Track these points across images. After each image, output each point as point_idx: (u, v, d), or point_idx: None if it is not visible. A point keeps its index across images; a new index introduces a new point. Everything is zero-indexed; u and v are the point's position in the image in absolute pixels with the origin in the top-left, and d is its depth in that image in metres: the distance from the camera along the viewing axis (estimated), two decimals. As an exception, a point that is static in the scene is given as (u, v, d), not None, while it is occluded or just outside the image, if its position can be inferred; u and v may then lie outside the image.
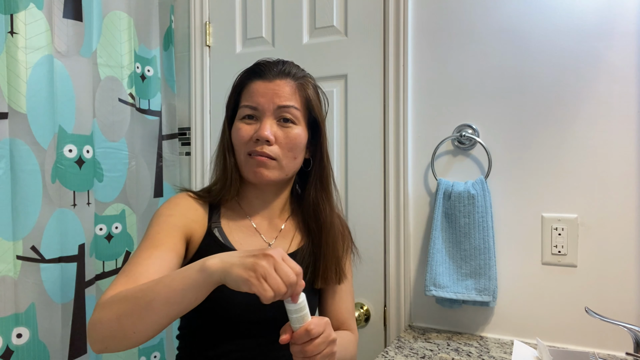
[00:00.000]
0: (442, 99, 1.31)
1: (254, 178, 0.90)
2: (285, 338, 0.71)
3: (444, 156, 1.31)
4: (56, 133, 1.20)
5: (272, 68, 0.91)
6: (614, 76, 1.13)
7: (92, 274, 1.32)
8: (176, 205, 0.90)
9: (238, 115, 0.92)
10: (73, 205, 1.25)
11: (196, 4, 1.65)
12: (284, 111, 0.89)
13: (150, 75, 1.56)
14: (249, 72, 0.93)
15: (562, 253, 1.18)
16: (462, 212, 1.22)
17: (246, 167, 0.90)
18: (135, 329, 0.68)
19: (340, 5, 1.44)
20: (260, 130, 0.87)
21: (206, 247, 0.88)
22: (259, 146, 0.88)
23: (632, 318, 1.11)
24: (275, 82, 0.89)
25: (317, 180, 0.98)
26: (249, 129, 0.89)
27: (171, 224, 0.85)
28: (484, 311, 1.26)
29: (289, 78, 0.91)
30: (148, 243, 0.82)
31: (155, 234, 0.83)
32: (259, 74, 0.90)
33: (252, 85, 0.90)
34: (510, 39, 1.23)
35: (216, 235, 0.90)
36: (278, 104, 0.88)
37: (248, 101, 0.90)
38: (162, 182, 1.61)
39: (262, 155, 0.88)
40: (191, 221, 0.88)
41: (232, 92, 0.96)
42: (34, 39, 1.14)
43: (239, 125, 0.90)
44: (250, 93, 0.90)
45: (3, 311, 1.08)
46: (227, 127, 0.95)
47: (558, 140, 1.19)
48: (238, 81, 0.94)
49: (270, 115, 0.89)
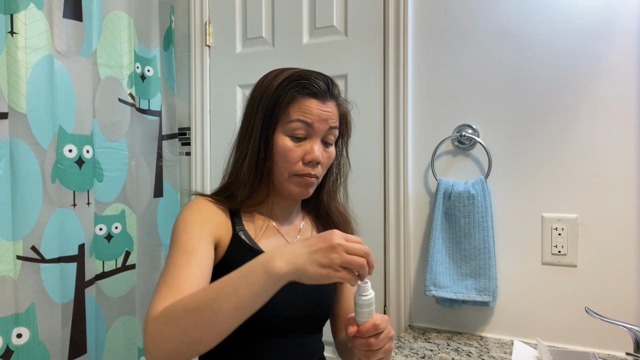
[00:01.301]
0: (442, 99, 1.31)
1: (297, 196, 0.91)
2: (352, 330, 0.73)
3: (444, 156, 1.31)
4: (56, 133, 1.20)
5: (322, 87, 0.88)
6: (614, 76, 1.13)
7: (92, 274, 1.32)
8: (200, 209, 0.88)
9: (285, 129, 0.87)
10: (73, 205, 1.25)
11: (196, 4, 1.65)
12: (331, 133, 0.90)
13: (150, 75, 1.56)
14: (301, 86, 0.87)
15: (562, 253, 1.18)
16: (462, 212, 1.22)
17: (289, 184, 0.89)
18: (202, 340, 0.67)
19: (340, 5, 1.44)
20: (314, 153, 0.87)
21: (234, 250, 0.88)
22: (312, 169, 0.88)
23: (632, 318, 1.11)
24: (327, 104, 0.88)
25: (338, 189, 1.01)
26: (300, 151, 0.87)
27: (200, 229, 0.83)
28: (484, 311, 1.26)
29: (335, 101, 0.91)
30: (181, 251, 0.80)
31: (186, 241, 0.81)
32: (314, 93, 0.87)
33: (306, 102, 0.87)
34: (510, 39, 1.23)
35: (242, 238, 0.89)
36: (330, 125, 0.89)
37: (304, 117, 0.86)
38: (162, 182, 1.61)
39: (312, 177, 0.88)
40: (218, 225, 0.87)
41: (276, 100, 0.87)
42: (34, 39, 1.14)
43: (288, 144, 0.87)
44: (304, 111, 0.86)
45: (3, 311, 1.08)
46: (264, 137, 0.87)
47: (558, 140, 1.19)
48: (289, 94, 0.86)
49: (320, 137, 0.88)
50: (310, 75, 0.89)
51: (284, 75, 0.89)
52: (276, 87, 0.88)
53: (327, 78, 0.90)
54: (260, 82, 0.93)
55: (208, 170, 1.65)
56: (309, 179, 0.88)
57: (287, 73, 0.89)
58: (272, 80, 0.90)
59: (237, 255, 0.86)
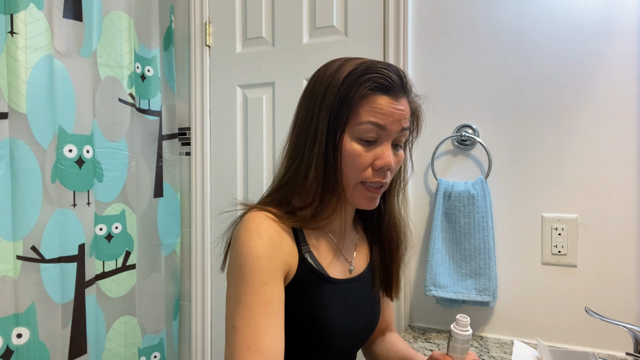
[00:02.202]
0: (442, 99, 1.31)
1: (363, 207, 0.82)
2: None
3: (444, 156, 1.31)
4: (56, 133, 1.20)
5: (396, 81, 0.76)
6: (614, 76, 1.13)
7: (92, 274, 1.32)
8: (268, 238, 0.76)
9: (354, 132, 0.76)
10: (73, 205, 1.25)
11: (196, 4, 1.65)
12: (403, 135, 0.80)
13: (150, 75, 1.56)
14: (372, 81, 0.75)
15: (562, 253, 1.18)
16: (462, 212, 1.22)
17: (355, 194, 0.80)
18: None
19: (340, 5, 1.44)
20: (387, 158, 0.77)
21: (302, 275, 0.80)
22: (382, 177, 0.78)
23: (632, 318, 1.11)
24: (400, 101, 0.77)
25: (399, 193, 0.91)
26: (369, 156, 0.77)
27: (272, 267, 0.75)
28: (484, 311, 1.26)
29: (408, 97, 0.80)
30: (258, 299, 0.72)
31: (261, 285, 0.73)
32: (386, 87, 0.75)
33: (377, 99, 0.75)
34: (510, 39, 1.23)
35: (309, 260, 0.82)
36: (403, 127, 0.78)
37: (375, 118, 0.75)
38: (162, 182, 1.61)
39: (381, 187, 0.80)
40: (287, 254, 0.78)
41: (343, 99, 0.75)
42: (34, 39, 1.14)
43: (357, 149, 0.76)
44: (376, 110, 0.75)
45: (3, 311, 1.08)
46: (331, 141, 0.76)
47: (558, 140, 1.19)
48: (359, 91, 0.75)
49: (391, 139, 0.78)
50: (381, 67, 0.76)
51: (349, 66, 0.77)
52: (342, 82, 0.75)
53: (399, 70, 0.78)
54: (321, 74, 0.80)
55: (208, 170, 1.65)
56: (377, 190, 0.79)
57: (353, 64, 0.77)
58: (335, 72, 0.77)
59: (303, 280, 0.80)
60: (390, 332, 1.02)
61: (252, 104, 1.57)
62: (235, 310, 0.73)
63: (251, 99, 1.58)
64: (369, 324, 0.90)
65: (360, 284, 0.89)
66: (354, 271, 0.89)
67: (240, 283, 0.73)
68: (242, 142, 1.61)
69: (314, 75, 0.81)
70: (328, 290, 0.82)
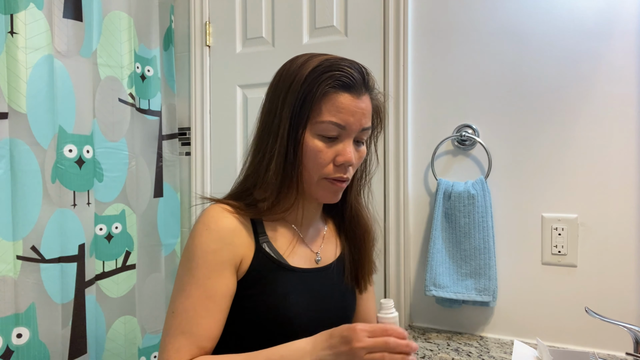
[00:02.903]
0: (442, 99, 1.31)
1: (326, 201, 0.85)
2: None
3: (444, 156, 1.31)
4: (56, 133, 1.20)
5: (357, 78, 0.78)
6: (614, 76, 1.13)
7: (92, 274, 1.32)
8: (218, 231, 0.79)
9: (316, 129, 0.78)
10: (73, 205, 1.25)
11: (196, 4, 1.65)
12: (364, 133, 0.82)
13: (150, 75, 1.56)
14: (334, 78, 0.76)
15: (562, 253, 1.18)
16: (462, 212, 1.22)
17: (318, 189, 0.82)
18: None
19: (340, 5, 1.44)
20: (347, 154, 0.79)
21: (259, 265, 0.82)
22: (343, 172, 0.80)
23: (632, 318, 1.11)
24: (362, 98, 0.79)
25: (364, 187, 0.94)
26: (330, 152, 0.79)
27: (219, 260, 0.77)
28: (484, 311, 1.26)
29: (370, 94, 0.82)
30: (200, 291, 0.75)
31: (204, 278, 0.76)
32: (348, 86, 0.77)
33: (339, 98, 0.77)
34: (510, 39, 1.23)
35: (267, 250, 0.83)
36: (363, 126, 0.80)
37: (336, 118, 0.77)
38: (162, 182, 1.61)
39: (343, 181, 0.82)
40: (239, 247, 0.80)
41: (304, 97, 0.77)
42: (34, 39, 1.14)
43: (318, 146, 0.78)
44: (338, 108, 0.77)
45: (3, 311, 1.08)
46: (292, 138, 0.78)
47: (558, 140, 1.19)
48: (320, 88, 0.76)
49: (352, 137, 0.80)
50: (343, 64, 0.78)
51: (313, 63, 0.78)
52: (305, 78, 0.77)
53: (361, 67, 0.80)
54: (286, 69, 0.81)
55: (208, 170, 1.65)
56: (340, 184, 0.81)
57: (316, 61, 0.78)
58: (299, 68, 0.79)
59: (261, 269, 0.81)
60: None
61: (252, 104, 1.57)
62: (177, 298, 0.77)
63: (251, 99, 1.58)
64: (342, 314, 0.90)
65: (329, 273, 0.90)
66: (322, 262, 0.90)
67: (186, 274, 0.77)
68: (242, 142, 1.60)
69: (279, 70, 0.83)
70: (288, 279, 0.83)
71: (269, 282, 0.81)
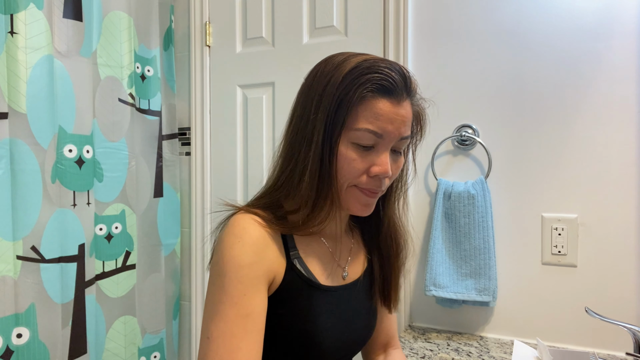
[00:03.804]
0: (442, 99, 1.31)
1: (358, 212, 0.77)
2: None
3: (444, 156, 1.31)
4: (56, 133, 1.20)
5: (399, 82, 0.71)
6: (614, 76, 1.13)
7: (92, 274, 1.32)
8: (252, 244, 0.73)
9: (350, 137, 0.71)
10: (73, 205, 1.25)
11: (196, 4, 1.65)
12: (402, 143, 0.75)
13: (150, 75, 1.56)
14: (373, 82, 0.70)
15: (562, 253, 1.18)
16: (462, 212, 1.22)
17: (348, 197, 0.75)
18: None
19: (340, 5, 1.44)
20: (385, 166, 0.72)
21: (290, 282, 0.77)
22: (377, 184, 0.74)
23: (632, 318, 1.11)
24: (402, 104, 0.72)
25: (400, 198, 0.87)
26: (365, 162, 0.72)
27: (254, 275, 0.72)
28: (484, 311, 1.26)
29: (411, 100, 0.75)
30: (235, 310, 0.69)
31: (240, 296, 0.70)
32: (388, 90, 0.70)
33: (377, 104, 0.70)
34: (510, 39, 1.23)
35: (298, 267, 0.78)
36: (402, 135, 0.73)
37: (373, 125, 0.70)
38: (162, 182, 1.61)
39: (376, 192, 0.75)
40: (272, 262, 0.75)
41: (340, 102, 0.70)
42: (34, 39, 1.14)
43: (352, 155, 0.72)
44: (376, 115, 0.70)
45: (3, 311, 1.08)
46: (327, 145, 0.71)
47: (558, 140, 1.19)
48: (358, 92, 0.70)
49: (390, 146, 0.73)
50: (384, 66, 0.71)
51: (350, 64, 0.71)
52: (341, 81, 0.70)
53: (402, 69, 0.73)
54: (321, 69, 0.74)
55: (208, 170, 1.65)
56: (372, 195, 0.75)
57: (354, 62, 0.71)
58: (335, 69, 0.72)
59: (292, 287, 0.77)
60: (393, 350, 0.97)
61: (252, 104, 1.57)
62: (211, 320, 0.70)
63: (251, 99, 1.58)
64: (364, 334, 0.87)
65: (355, 291, 0.85)
66: (348, 277, 0.85)
67: (219, 292, 0.71)
68: (242, 142, 1.61)
69: (312, 70, 0.76)
70: (318, 299, 0.79)
71: (300, 302, 0.77)
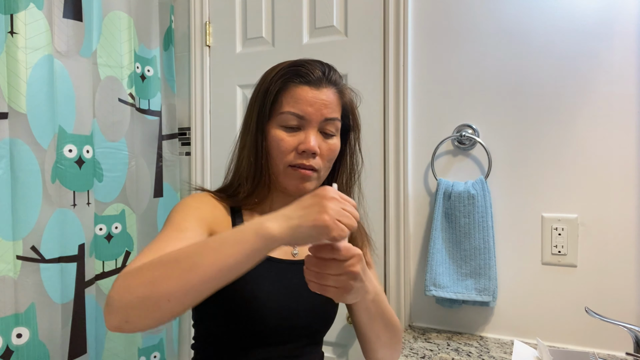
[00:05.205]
0: (442, 99, 1.31)
1: (295, 191, 0.85)
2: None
3: (444, 156, 1.31)
4: (56, 133, 1.20)
5: (318, 73, 0.84)
6: (614, 76, 1.13)
7: (92, 274, 1.32)
8: (201, 200, 0.86)
9: (277, 120, 0.84)
10: (73, 205, 1.25)
11: (196, 4, 1.65)
12: (329, 124, 0.85)
13: (150, 75, 1.56)
14: (293, 73, 0.84)
15: (562, 253, 1.18)
16: (462, 212, 1.22)
17: (286, 178, 0.85)
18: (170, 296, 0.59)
19: (340, 5, 1.44)
20: (308, 143, 0.82)
21: None
22: (305, 159, 0.83)
23: (632, 318, 1.11)
24: (322, 90, 0.84)
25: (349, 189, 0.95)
26: (293, 140, 0.83)
27: (199, 215, 0.81)
28: (484, 311, 1.26)
29: (334, 87, 0.86)
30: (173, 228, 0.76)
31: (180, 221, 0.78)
32: (306, 78, 0.83)
33: (297, 90, 0.83)
34: (510, 39, 1.23)
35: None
36: (325, 117, 0.84)
37: (294, 108, 0.83)
38: (162, 182, 1.61)
39: (308, 169, 0.84)
40: (215, 218, 0.84)
41: (267, 92, 0.85)
42: (34, 39, 1.14)
43: (280, 135, 0.84)
44: (296, 99, 0.83)
45: (3, 311, 1.08)
46: (260, 130, 0.86)
47: (558, 140, 1.19)
48: (279, 82, 0.85)
49: (315, 126, 0.84)
50: (306, 62, 0.85)
51: (282, 65, 0.87)
52: (272, 78, 0.86)
53: (325, 65, 0.86)
54: (262, 75, 0.91)
55: (208, 171, 1.65)
56: (304, 171, 0.84)
57: (286, 63, 0.87)
58: (269, 72, 0.89)
59: None
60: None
61: (252, 104, 1.57)
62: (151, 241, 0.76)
63: (251, 99, 1.58)
64: (316, 311, 0.88)
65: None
66: (298, 256, 0.91)
67: (163, 227, 0.79)
68: (242, 142, 1.60)
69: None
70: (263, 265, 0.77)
71: None
